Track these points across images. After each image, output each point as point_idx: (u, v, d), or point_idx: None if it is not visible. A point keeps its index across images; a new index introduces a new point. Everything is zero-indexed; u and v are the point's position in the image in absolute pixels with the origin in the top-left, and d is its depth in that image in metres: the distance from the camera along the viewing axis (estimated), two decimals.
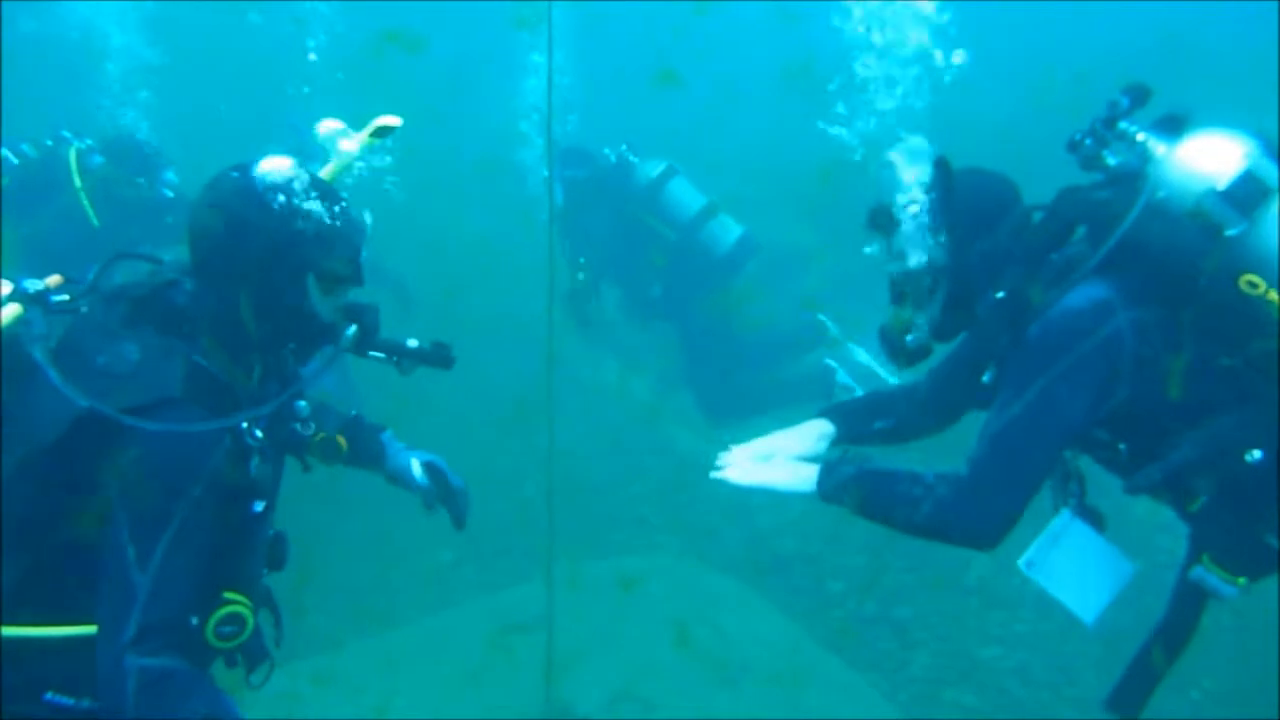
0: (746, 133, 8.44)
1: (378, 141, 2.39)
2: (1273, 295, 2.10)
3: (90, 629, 1.99)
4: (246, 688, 2.23)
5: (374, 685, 4.51)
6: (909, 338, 2.46)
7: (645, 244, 5.62)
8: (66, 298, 2.15)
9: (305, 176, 2.14)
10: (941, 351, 2.59)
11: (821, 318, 5.99)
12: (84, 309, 2.15)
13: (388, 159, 4.62)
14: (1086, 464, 2.51)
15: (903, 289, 2.45)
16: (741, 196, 5.99)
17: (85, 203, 5.15)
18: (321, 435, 2.55)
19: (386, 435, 2.71)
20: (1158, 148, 2.25)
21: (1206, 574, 2.22)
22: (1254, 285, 2.11)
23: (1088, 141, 2.34)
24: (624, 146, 5.67)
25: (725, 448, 2.53)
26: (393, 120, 2.24)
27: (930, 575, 5.35)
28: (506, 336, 6.28)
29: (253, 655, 2.23)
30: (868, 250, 2.49)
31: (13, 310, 2.12)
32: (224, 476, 2.05)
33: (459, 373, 2.48)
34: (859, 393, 5.49)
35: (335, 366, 2.34)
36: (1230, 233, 2.12)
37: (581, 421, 6.24)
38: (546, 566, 2.99)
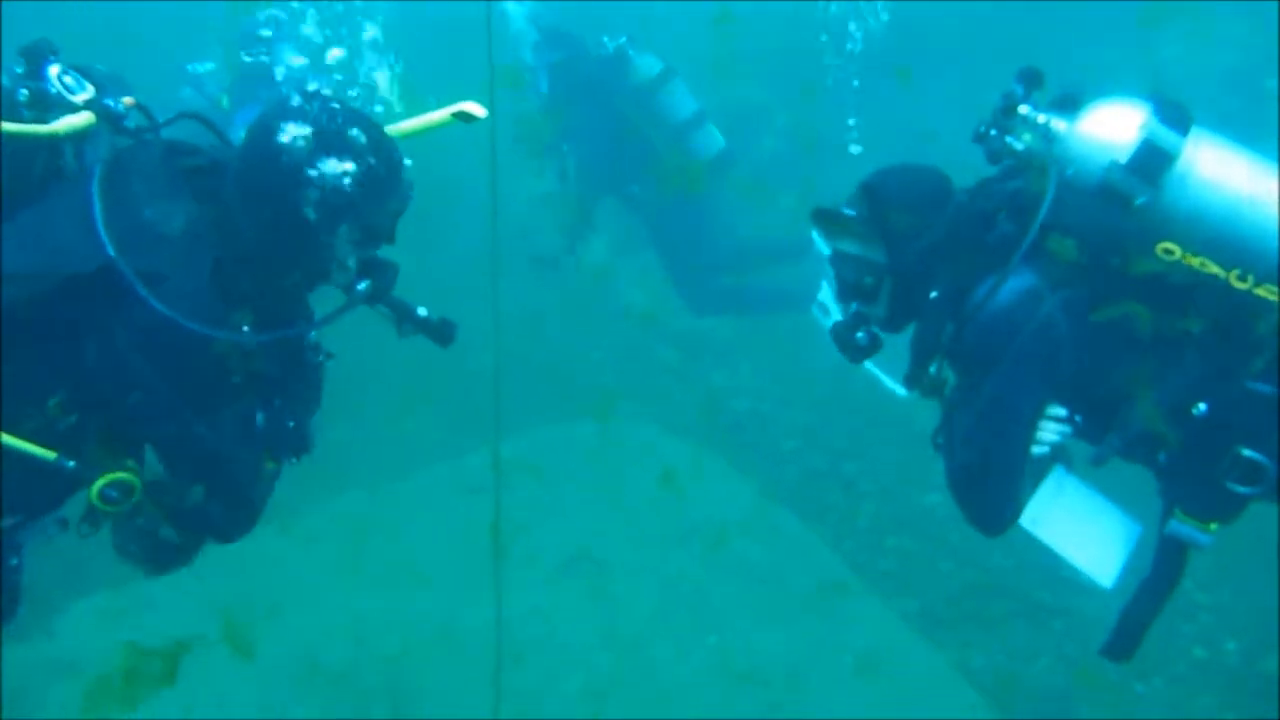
0: None
1: (456, 122, 2.28)
2: (1190, 260, 2.17)
3: None
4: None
5: (340, 544, 4.66)
6: (859, 334, 2.52)
7: (629, 142, 5.47)
8: (134, 127, 2.11)
9: (368, 127, 2.06)
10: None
11: (814, 235, 5.91)
12: (146, 143, 2.12)
13: None
14: None
15: (848, 287, 2.51)
16: (695, 54, 5.79)
17: None
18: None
19: None
20: (1059, 126, 2.27)
21: (1181, 526, 2.34)
22: (1170, 252, 2.17)
23: (992, 132, 2.36)
24: (624, 39, 5.43)
25: None
26: (478, 110, 2.17)
27: (878, 429, 5.53)
28: (459, 202, 6.18)
29: (97, 515, 2.15)
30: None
31: (85, 119, 2.07)
32: (195, 372, 2.03)
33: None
34: (836, 316, 5.47)
35: None
36: (1139, 202, 2.16)
37: (538, 287, 6.23)
38: (493, 433, 3.05)
